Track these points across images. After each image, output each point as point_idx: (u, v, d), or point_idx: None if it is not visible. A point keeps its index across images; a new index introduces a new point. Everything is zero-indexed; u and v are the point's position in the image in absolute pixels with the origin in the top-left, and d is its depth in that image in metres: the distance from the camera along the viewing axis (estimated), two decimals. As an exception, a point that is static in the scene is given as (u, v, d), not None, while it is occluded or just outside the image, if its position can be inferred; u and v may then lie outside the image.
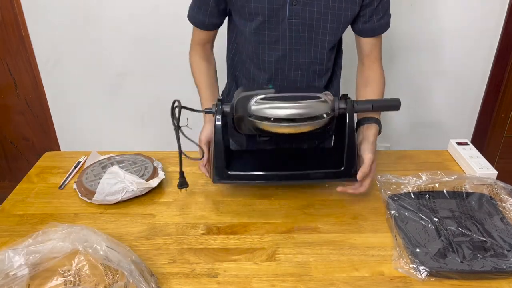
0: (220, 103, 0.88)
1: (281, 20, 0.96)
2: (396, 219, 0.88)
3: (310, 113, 0.83)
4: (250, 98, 0.84)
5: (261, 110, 0.83)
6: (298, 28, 0.97)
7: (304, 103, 0.83)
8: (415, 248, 0.80)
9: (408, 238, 0.83)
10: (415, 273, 0.76)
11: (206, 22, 1.05)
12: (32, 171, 1.09)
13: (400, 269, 0.78)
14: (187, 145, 0.92)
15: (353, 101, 0.88)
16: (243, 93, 0.86)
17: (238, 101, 0.86)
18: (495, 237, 0.83)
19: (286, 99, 0.83)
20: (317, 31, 0.98)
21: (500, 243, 0.81)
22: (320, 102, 0.84)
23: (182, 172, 0.95)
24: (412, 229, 0.85)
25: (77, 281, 0.68)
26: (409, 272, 0.77)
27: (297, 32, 0.98)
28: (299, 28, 0.97)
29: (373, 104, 0.89)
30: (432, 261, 0.78)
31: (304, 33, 0.98)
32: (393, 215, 0.89)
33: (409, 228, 0.86)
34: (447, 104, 1.86)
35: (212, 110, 0.89)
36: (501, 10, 1.65)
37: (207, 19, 1.04)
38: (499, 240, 0.82)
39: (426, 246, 0.81)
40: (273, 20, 0.96)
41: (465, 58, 1.75)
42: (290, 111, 0.82)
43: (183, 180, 0.95)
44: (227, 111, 0.89)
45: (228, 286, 0.75)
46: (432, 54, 1.73)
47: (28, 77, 1.84)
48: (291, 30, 0.97)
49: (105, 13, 1.65)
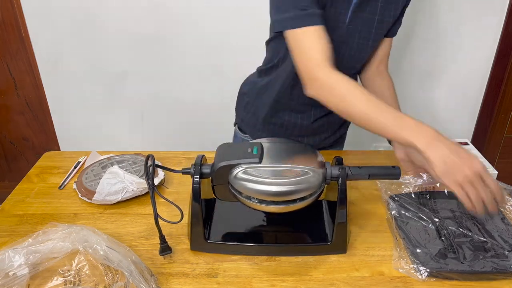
0: (199, 163, 0.79)
1: (341, 25, 0.94)
2: (397, 219, 0.88)
3: (298, 192, 0.74)
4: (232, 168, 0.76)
5: (243, 186, 0.75)
6: (354, 34, 0.96)
7: (291, 181, 0.73)
8: (415, 249, 0.80)
9: (408, 239, 0.83)
10: (416, 273, 0.76)
11: (322, 14, 0.86)
12: (32, 171, 1.09)
13: (401, 269, 0.78)
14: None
15: (348, 168, 0.79)
16: (224, 162, 0.77)
17: (218, 170, 0.77)
18: (496, 237, 0.83)
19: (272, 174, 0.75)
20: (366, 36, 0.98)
21: (501, 243, 0.81)
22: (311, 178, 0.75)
23: (162, 237, 0.80)
24: (412, 229, 0.85)
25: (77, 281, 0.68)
26: (410, 272, 0.77)
27: (353, 38, 0.97)
28: (355, 34, 0.96)
29: (369, 174, 0.79)
30: (433, 262, 0.78)
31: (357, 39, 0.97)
32: (394, 215, 0.89)
33: (409, 228, 0.86)
34: (447, 104, 1.86)
35: (190, 171, 0.79)
36: (501, 10, 1.65)
37: (322, 11, 0.86)
38: (499, 241, 0.82)
39: (426, 247, 0.81)
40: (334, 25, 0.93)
41: (465, 58, 1.75)
42: (276, 192, 0.73)
43: (165, 245, 0.81)
44: (206, 172, 0.79)
45: (228, 286, 0.75)
46: (432, 54, 1.74)
47: (28, 77, 1.84)
48: (348, 35, 0.96)
49: (105, 13, 1.65)
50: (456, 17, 1.66)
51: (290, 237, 0.87)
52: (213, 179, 0.79)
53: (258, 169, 0.75)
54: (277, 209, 0.76)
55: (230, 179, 0.77)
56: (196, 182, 0.78)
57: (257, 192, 0.74)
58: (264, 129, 1.15)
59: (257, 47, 1.24)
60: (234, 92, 1.25)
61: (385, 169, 0.82)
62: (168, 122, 1.89)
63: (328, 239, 0.83)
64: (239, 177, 0.75)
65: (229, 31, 1.67)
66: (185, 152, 1.17)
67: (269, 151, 0.80)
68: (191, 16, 1.65)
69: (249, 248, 0.82)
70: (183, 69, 1.76)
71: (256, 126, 1.16)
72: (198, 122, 1.88)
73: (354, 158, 1.16)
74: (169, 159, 1.13)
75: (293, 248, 0.83)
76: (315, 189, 0.76)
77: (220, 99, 1.81)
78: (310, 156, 0.80)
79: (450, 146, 0.75)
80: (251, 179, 0.74)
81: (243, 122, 1.21)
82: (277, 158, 0.79)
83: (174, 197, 0.98)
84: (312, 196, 0.77)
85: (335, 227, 0.81)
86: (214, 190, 0.81)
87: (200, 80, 1.78)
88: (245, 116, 1.19)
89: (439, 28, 1.67)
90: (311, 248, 0.83)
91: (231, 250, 0.82)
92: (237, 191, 0.77)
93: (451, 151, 0.74)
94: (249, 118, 1.18)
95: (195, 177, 0.78)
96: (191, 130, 1.90)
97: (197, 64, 1.75)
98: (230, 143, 0.83)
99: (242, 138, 1.23)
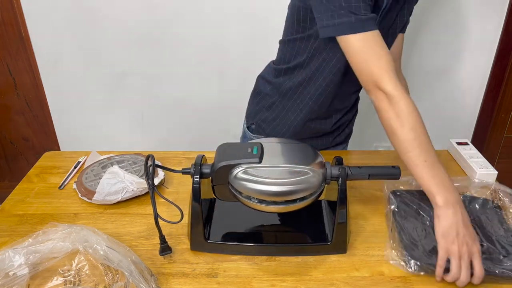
0: (199, 163, 0.79)
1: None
2: (395, 213, 0.88)
3: (298, 192, 0.74)
4: (232, 168, 0.76)
5: (243, 186, 0.75)
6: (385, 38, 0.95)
7: (291, 181, 0.74)
8: (409, 242, 0.80)
9: (403, 232, 0.83)
10: (405, 265, 0.76)
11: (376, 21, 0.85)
12: (32, 171, 1.09)
13: (392, 260, 0.78)
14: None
15: (348, 168, 0.79)
16: (224, 162, 0.77)
17: (218, 170, 0.77)
18: (493, 241, 0.82)
19: (272, 174, 0.75)
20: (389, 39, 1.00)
21: (498, 248, 0.80)
22: (311, 178, 0.75)
23: (162, 237, 0.80)
24: (409, 225, 0.85)
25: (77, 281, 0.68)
26: (400, 264, 0.77)
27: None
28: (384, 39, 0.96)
29: (369, 174, 0.80)
30: (425, 257, 0.77)
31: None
32: (393, 209, 0.89)
33: (406, 224, 0.85)
34: (447, 104, 1.86)
35: (190, 171, 0.79)
36: (501, 10, 1.65)
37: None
38: (496, 245, 0.81)
39: (421, 242, 0.81)
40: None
41: (465, 58, 1.75)
42: (276, 192, 0.73)
43: (165, 245, 0.81)
44: (206, 172, 0.79)
45: (228, 286, 0.75)
46: (432, 54, 1.74)
47: (28, 77, 1.84)
48: None
49: (105, 13, 1.65)
50: (456, 17, 1.66)
51: (290, 237, 0.87)
52: (213, 179, 0.79)
53: (258, 169, 0.75)
54: (277, 209, 0.76)
55: (230, 179, 0.77)
56: (196, 182, 0.78)
57: (257, 192, 0.74)
58: (290, 132, 1.12)
59: (257, 47, 1.27)
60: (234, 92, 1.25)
61: (385, 169, 0.82)
62: (168, 122, 1.89)
63: (328, 239, 0.83)
64: (239, 177, 0.75)
65: (230, 31, 1.67)
66: (185, 152, 1.17)
67: (269, 151, 0.80)
68: (191, 16, 1.65)
69: (249, 248, 0.83)
70: (183, 69, 1.76)
71: (283, 128, 1.13)
72: (198, 122, 1.88)
73: (354, 158, 1.16)
74: (169, 159, 1.13)
75: (293, 248, 0.83)
76: (315, 189, 0.76)
77: (220, 99, 1.81)
78: (310, 156, 0.80)
79: (464, 218, 0.76)
80: (251, 179, 0.74)
81: (264, 122, 1.15)
82: (277, 158, 0.79)
83: (174, 197, 0.98)
84: (312, 196, 0.77)
85: (335, 227, 0.81)
86: (214, 190, 0.81)
87: (200, 80, 1.78)
88: (268, 116, 1.14)
89: (439, 28, 1.67)
90: (311, 248, 0.83)
91: (231, 250, 0.82)
92: (237, 191, 0.77)
93: (463, 222, 0.76)
94: (274, 119, 1.13)
95: (195, 177, 0.78)
96: (191, 130, 1.90)
97: (197, 64, 1.75)
98: (230, 143, 0.83)
99: (251, 139, 1.19)
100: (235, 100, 1.29)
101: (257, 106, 1.17)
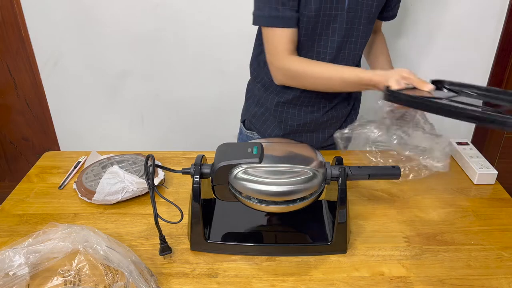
0: (199, 163, 0.79)
1: (340, 12, 0.98)
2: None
3: (298, 192, 0.74)
4: (232, 168, 0.76)
5: (243, 186, 0.75)
6: (354, 20, 1.00)
7: (291, 181, 0.74)
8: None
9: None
10: None
11: (295, 17, 0.96)
12: (32, 171, 1.09)
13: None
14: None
15: (348, 168, 0.79)
16: (224, 162, 0.77)
17: (218, 170, 0.77)
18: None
19: (272, 174, 0.75)
20: (365, 22, 1.01)
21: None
22: (311, 178, 0.75)
23: (162, 237, 0.80)
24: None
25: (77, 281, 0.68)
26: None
27: (352, 25, 1.00)
28: (355, 21, 1.00)
29: (369, 174, 0.80)
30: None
31: (357, 25, 1.01)
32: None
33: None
34: (447, 104, 1.86)
35: (190, 171, 0.80)
36: (501, 10, 1.65)
37: (295, 14, 0.95)
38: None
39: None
40: (332, 13, 0.97)
41: (465, 58, 1.75)
42: (276, 192, 0.73)
43: (165, 245, 0.81)
44: (206, 172, 0.79)
45: (228, 286, 0.75)
46: (432, 54, 1.73)
47: (28, 77, 1.84)
48: (348, 22, 0.99)
49: (105, 13, 1.65)
50: (456, 17, 1.66)
51: (290, 237, 0.87)
52: (213, 179, 0.78)
53: (258, 169, 0.75)
54: (277, 209, 0.76)
55: (230, 179, 0.77)
56: (196, 182, 0.78)
57: (257, 192, 0.74)
58: (275, 125, 1.17)
59: (257, 47, 1.25)
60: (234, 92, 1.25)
61: (385, 169, 0.82)
62: (168, 122, 1.89)
63: (328, 239, 0.83)
64: (239, 177, 0.75)
65: (229, 31, 1.67)
66: (185, 152, 1.17)
67: (269, 151, 0.80)
68: (191, 15, 1.65)
69: (249, 248, 0.83)
70: (184, 69, 1.76)
71: (273, 123, 1.17)
72: (198, 122, 1.88)
73: (354, 158, 1.16)
74: (169, 159, 1.13)
75: (293, 248, 0.83)
76: (315, 189, 0.76)
77: (220, 99, 1.81)
78: (310, 156, 0.80)
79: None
80: (251, 179, 0.74)
81: (254, 118, 1.20)
82: (277, 158, 0.79)
83: (174, 197, 0.98)
84: (312, 196, 0.77)
85: (335, 227, 0.81)
86: (214, 190, 0.81)
87: (200, 80, 1.78)
88: (256, 111, 1.19)
89: (438, 28, 1.67)
90: (311, 248, 0.83)
91: (231, 250, 0.82)
92: (237, 191, 0.77)
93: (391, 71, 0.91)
94: (263, 114, 1.18)
95: (195, 177, 0.78)
96: (191, 130, 1.90)
97: (197, 64, 1.74)
98: (230, 143, 0.83)
99: (246, 135, 1.24)
100: (235, 100, 1.29)
101: (247, 102, 1.23)
